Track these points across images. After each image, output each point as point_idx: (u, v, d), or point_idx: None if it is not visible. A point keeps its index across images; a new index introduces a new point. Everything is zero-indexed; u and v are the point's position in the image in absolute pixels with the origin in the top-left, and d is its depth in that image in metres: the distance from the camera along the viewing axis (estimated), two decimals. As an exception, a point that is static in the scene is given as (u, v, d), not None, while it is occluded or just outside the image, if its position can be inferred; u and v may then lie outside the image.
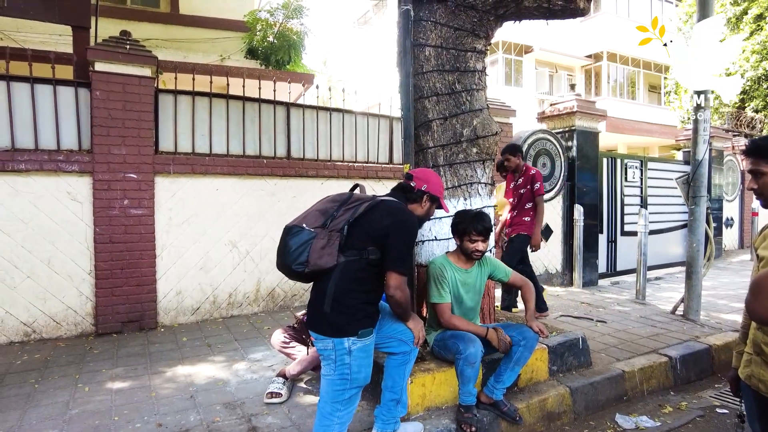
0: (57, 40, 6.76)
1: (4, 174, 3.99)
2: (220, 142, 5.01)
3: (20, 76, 4.16)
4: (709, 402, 3.49)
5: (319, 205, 2.20)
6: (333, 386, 2.11)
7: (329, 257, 2.05)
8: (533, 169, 4.81)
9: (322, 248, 2.04)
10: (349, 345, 2.08)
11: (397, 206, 2.22)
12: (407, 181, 2.45)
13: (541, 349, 3.31)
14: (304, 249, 2.04)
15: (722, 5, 12.06)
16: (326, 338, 2.09)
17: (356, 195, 2.23)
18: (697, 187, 4.90)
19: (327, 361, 2.13)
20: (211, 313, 4.88)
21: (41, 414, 2.80)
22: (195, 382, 3.27)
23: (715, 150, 9.22)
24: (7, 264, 4.02)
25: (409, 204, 2.38)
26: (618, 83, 20.66)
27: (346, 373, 2.09)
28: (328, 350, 2.10)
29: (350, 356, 2.08)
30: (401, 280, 2.12)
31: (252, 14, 8.87)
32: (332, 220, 2.10)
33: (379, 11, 24.31)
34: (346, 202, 2.17)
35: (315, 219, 2.12)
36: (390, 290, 2.12)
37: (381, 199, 2.22)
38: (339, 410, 2.12)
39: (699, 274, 4.90)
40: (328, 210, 2.15)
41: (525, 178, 4.80)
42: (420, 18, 3.35)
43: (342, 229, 2.08)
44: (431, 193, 2.42)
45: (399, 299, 2.15)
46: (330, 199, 2.22)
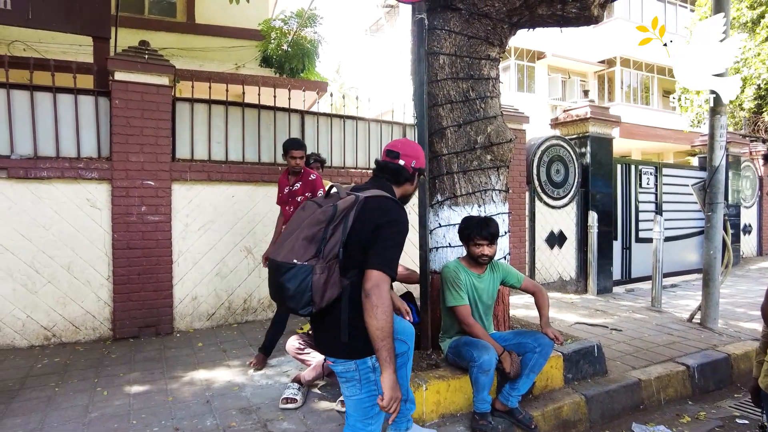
0: (78, 50, 6.92)
1: (27, 181, 4.09)
2: (235, 150, 5.07)
3: (43, 86, 4.27)
4: (728, 412, 3.43)
5: (304, 230, 1.86)
6: (362, 405, 1.96)
7: (334, 288, 1.84)
8: (313, 173, 4.03)
9: (324, 283, 1.82)
10: (372, 363, 1.91)
11: (384, 203, 1.93)
12: (393, 160, 2.10)
13: (556, 357, 3.29)
14: (304, 289, 1.80)
15: (738, 9, 11.92)
16: (347, 361, 1.92)
17: (340, 205, 1.86)
18: (713, 193, 4.84)
19: (351, 383, 1.95)
20: (226, 319, 4.93)
21: (62, 417, 2.85)
22: (211, 387, 3.31)
23: (732, 156, 9.09)
24: (28, 269, 4.11)
25: (398, 187, 2.10)
26: (631, 89, 20.51)
27: (374, 390, 1.94)
28: (351, 372, 1.93)
29: (375, 373, 1.92)
30: (382, 278, 1.77)
31: (266, 23, 8.99)
32: (325, 245, 1.82)
33: (391, 19, 24.44)
34: (332, 219, 1.85)
35: (304, 249, 1.82)
36: (367, 285, 1.76)
37: (365, 196, 1.91)
38: (371, 425, 2.01)
39: (716, 281, 4.83)
40: (317, 235, 1.83)
41: (305, 184, 3.97)
42: (434, 26, 3.38)
43: (338, 253, 1.84)
44: (421, 168, 2.16)
45: (375, 301, 1.74)
46: (313, 221, 1.87)
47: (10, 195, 4.05)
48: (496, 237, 2.92)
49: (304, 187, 3.97)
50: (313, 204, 1.95)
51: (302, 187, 3.97)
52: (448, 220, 3.38)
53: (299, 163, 3.90)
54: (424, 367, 3.08)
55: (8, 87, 4.14)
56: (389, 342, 1.76)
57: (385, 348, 1.75)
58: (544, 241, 6.74)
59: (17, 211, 4.07)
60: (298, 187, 3.96)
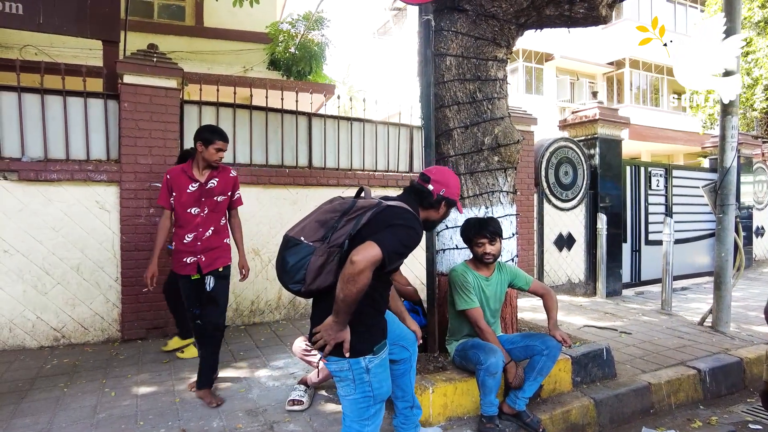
0: (88, 54, 7.00)
1: (38, 183, 4.13)
2: (243, 152, 5.09)
3: (53, 89, 4.32)
4: (740, 417, 3.38)
5: (320, 214, 1.96)
6: (356, 405, 1.98)
7: (328, 275, 1.87)
8: (233, 170, 3.36)
9: (320, 266, 1.86)
10: (366, 364, 1.93)
11: (403, 210, 1.95)
12: (423, 183, 2.16)
13: (565, 360, 3.26)
14: (301, 266, 1.86)
15: (749, 9, 11.81)
16: (341, 359, 1.92)
17: (360, 203, 1.95)
18: (725, 195, 4.78)
19: (345, 382, 1.96)
20: (233, 321, 4.94)
21: (70, 417, 2.87)
22: (218, 389, 3.31)
23: (743, 157, 8.99)
24: (39, 271, 4.15)
25: (423, 210, 2.14)
26: (641, 90, 20.35)
27: (368, 391, 1.96)
28: (345, 371, 1.94)
29: (369, 374, 1.94)
30: (374, 252, 1.73)
31: (274, 25, 9.04)
32: (333, 233, 1.88)
33: (399, 21, 24.48)
34: (348, 212, 1.92)
35: (314, 231, 1.91)
36: (356, 255, 1.72)
37: (387, 204, 1.95)
38: (367, 426, 2.02)
39: (728, 284, 4.77)
40: (329, 221, 1.92)
41: (225, 181, 3.26)
42: (441, 28, 3.38)
43: (342, 244, 1.87)
44: (450, 198, 2.17)
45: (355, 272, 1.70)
46: (331, 208, 1.97)
47: (21, 197, 4.09)
48: (496, 234, 2.90)
49: (224, 185, 3.24)
50: (339, 197, 2.04)
51: (221, 185, 3.22)
52: (455, 222, 3.36)
53: (222, 157, 3.22)
54: (431, 369, 3.06)
55: (20, 90, 4.19)
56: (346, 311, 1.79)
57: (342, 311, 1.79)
58: (553, 244, 6.69)
59: (28, 213, 4.11)
60: (215, 185, 3.20)
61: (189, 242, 3.13)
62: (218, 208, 3.24)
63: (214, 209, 3.22)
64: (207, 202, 3.19)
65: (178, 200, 3.16)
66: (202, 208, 3.17)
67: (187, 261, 3.13)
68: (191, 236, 3.13)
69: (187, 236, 3.13)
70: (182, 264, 3.14)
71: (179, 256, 3.15)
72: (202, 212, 3.17)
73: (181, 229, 3.16)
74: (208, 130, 3.17)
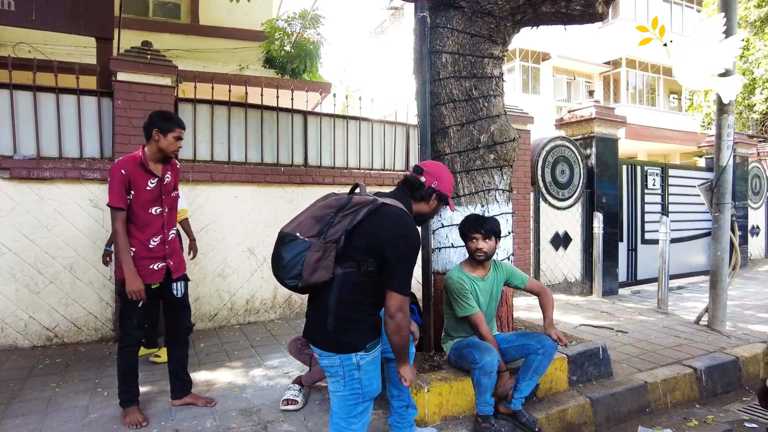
0: (82, 52, 6.93)
1: (30, 182, 4.09)
2: (238, 151, 5.06)
3: (46, 86, 4.28)
4: (737, 416, 3.37)
5: (315, 210, 1.98)
6: (345, 402, 1.99)
7: (324, 271, 1.89)
8: (176, 162, 3.00)
9: (316, 261, 1.88)
10: (357, 360, 1.94)
11: (399, 215, 1.98)
12: (416, 174, 2.20)
13: (561, 359, 3.24)
14: (297, 261, 1.88)
15: (746, 8, 11.84)
16: (332, 355, 1.94)
17: (355, 199, 1.97)
18: (721, 193, 4.78)
19: (335, 378, 1.98)
20: (228, 320, 4.91)
21: (61, 417, 2.84)
22: (212, 388, 3.29)
23: (739, 156, 9.02)
24: (31, 270, 4.11)
25: (414, 202, 2.17)
26: (637, 90, 20.39)
27: (357, 388, 1.97)
28: (335, 367, 1.96)
29: (359, 371, 1.95)
30: (404, 300, 1.92)
31: (270, 23, 8.98)
32: (329, 228, 1.91)
33: (396, 21, 24.47)
34: (344, 208, 1.94)
35: (310, 227, 1.93)
36: (391, 310, 1.90)
37: (382, 202, 1.98)
38: (354, 424, 2.01)
39: (724, 283, 4.77)
40: (324, 217, 1.94)
41: (174, 174, 2.94)
42: (436, 25, 3.36)
43: (339, 239, 1.89)
44: (441, 192, 2.19)
45: (400, 322, 1.91)
46: (326, 204, 1.99)
47: (13, 195, 4.05)
48: (491, 232, 2.87)
49: (176, 178, 2.96)
50: (333, 194, 2.07)
51: (174, 179, 2.93)
52: (451, 220, 3.35)
53: (181, 146, 2.89)
54: (427, 368, 3.05)
55: (12, 88, 4.15)
56: (407, 350, 2.05)
57: (402, 356, 2.06)
58: (549, 243, 6.69)
59: (20, 212, 4.07)
60: (170, 180, 2.89)
61: (156, 246, 2.80)
62: (174, 205, 2.96)
63: (172, 206, 2.92)
64: (167, 199, 2.86)
65: (136, 199, 2.74)
66: (164, 207, 2.84)
67: (155, 267, 2.80)
68: (158, 239, 2.81)
69: (153, 240, 2.79)
70: (149, 271, 2.78)
71: (144, 263, 2.77)
72: (164, 211, 2.84)
73: (141, 232, 2.77)
74: (162, 117, 2.81)
